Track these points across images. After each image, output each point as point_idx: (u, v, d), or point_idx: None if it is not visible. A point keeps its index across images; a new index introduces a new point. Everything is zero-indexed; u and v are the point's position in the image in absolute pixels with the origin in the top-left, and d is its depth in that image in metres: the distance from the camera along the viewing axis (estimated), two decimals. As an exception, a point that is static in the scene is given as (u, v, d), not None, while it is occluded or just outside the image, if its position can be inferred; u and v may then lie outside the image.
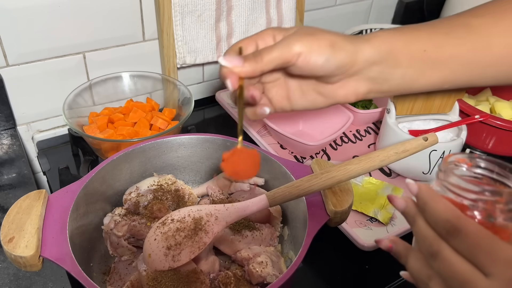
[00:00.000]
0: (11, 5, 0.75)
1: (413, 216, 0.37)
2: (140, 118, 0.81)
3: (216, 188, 0.66)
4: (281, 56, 0.48)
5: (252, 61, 0.47)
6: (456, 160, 0.39)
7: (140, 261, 0.53)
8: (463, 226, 0.32)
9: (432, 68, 0.53)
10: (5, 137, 0.84)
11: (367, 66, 0.51)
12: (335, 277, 0.64)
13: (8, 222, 0.49)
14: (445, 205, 0.34)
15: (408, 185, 0.38)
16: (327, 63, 0.48)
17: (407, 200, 0.39)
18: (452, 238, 0.33)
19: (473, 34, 0.52)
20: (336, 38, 0.49)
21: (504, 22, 0.52)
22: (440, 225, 0.34)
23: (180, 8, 0.86)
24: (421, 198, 0.36)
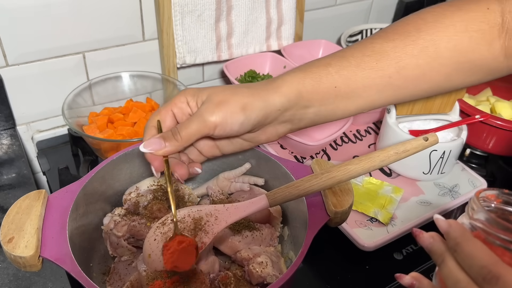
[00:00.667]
0: (11, 5, 0.75)
1: (442, 255, 0.36)
2: (140, 118, 0.81)
3: (216, 188, 0.66)
4: (198, 131, 0.50)
5: (172, 140, 0.50)
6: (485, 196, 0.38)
7: (140, 261, 0.53)
8: (502, 275, 0.31)
9: (345, 101, 0.54)
10: (4, 137, 0.84)
11: (280, 114, 0.53)
12: (335, 277, 0.64)
13: (8, 222, 0.49)
14: (481, 248, 0.33)
15: (437, 222, 0.36)
16: (242, 126, 0.51)
17: (434, 237, 0.37)
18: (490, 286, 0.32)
19: (383, 61, 0.53)
20: (247, 99, 0.51)
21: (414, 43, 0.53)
22: (475, 270, 0.33)
23: (180, 8, 0.86)
24: (453, 238, 0.34)
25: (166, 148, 0.50)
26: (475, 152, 0.87)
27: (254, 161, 0.65)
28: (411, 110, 0.78)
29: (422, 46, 0.53)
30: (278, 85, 0.52)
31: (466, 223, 0.37)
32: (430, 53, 0.53)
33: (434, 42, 0.53)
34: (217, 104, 0.50)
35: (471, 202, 0.37)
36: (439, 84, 0.56)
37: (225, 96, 0.51)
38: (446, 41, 0.53)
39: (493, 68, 0.56)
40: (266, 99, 0.51)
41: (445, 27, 0.53)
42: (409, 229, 0.68)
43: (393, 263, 0.66)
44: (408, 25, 0.55)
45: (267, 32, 1.00)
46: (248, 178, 0.65)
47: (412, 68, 0.54)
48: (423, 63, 0.53)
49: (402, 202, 0.74)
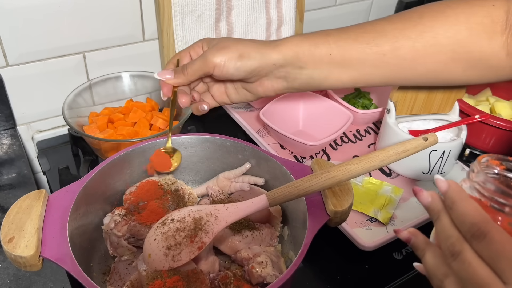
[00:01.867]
0: (11, 5, 0.75)
1: (438, 212, 0.37)
2: (140, 118, 0.81)
3: (216, 188, 0.66)
4: (200, 68, 0.59)
5: (180, 74, 0.60)
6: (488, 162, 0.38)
7: (140, 261, 0.53)
8: (490, 232, 0.32)
9: (339, 69, 0.59)
10: (5, 137, 0.84)
11: (275, 69, 0.59)
12: (335, 277, 0.64)
13: (8, 222, 0.49)
14: (474, 207, 0.34)
15: (437, 181, 0.37)
16: (237, 71, 0.58)
17: (433, 195, 0.38)
18: (477, 241, 0.33)
19: (380, 38, 0.57)
20: (246, 49, 0.58)
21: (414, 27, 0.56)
22: (466, 227, 0.34)
23: (180, 8, 0.86)
24: (450, 196, 0.36)
25: (174, 79, 0.61)
26: (474, 152, 0.87)
27: (254, 161, 0.65)
28: (411, 110, 0.78)
29: (420, 30, 0.56)
30: (278, 44, 0.59)
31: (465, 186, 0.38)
32: (427, 38, 0.56)
33: (433, 28, 0.56)
34: (219, 49, 0.58)
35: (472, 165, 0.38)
36: (436, 71, 0.58)
37: (228, 43, 0.59)
38: (445, 29, 0.55)
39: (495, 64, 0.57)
40: (263, 52, 0.58)
41: (446, 16, 0.56)
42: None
43: (393, 263, 0.66)
44: (414, 12, 0.58)
45: (267, 32, 1.00)
46: (248, 178, 0.65)
47: (407, 49, 0.57)
48: (419, 46, 0.56)
49: (402, 202, 0.74)
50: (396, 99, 0.76)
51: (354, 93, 0.96)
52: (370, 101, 0.95)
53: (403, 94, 0.75)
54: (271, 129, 0.81)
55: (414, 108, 0.78)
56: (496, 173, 0.38)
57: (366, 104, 0.94)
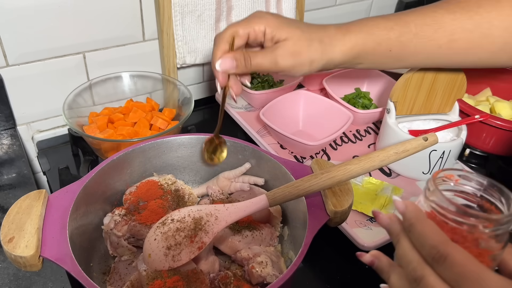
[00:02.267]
0: (11, 5, 0.75)
1: (397, 236, 0.37)
2: (140, 118, 0.81)
3: (216, 188, 0.66)
4: (268, 67, 0.58)
5: (243, 65, 0.57)
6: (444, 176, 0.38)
7: (140, 261, 0.53)
8: (450, 254, 0.32)
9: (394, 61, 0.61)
10: (5, 137, 0.84)
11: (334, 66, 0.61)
12: (335, 277, 0.64)
13: (8, 222, 0.49)
14: (432, 229, 0.34)
15: (395, 203, 0.37)
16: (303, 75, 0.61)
17: (391, 218, 0.38)
18: (438, 265, 0.32)
19: (439, 32, 0.58)
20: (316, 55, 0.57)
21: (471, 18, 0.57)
22: (426, 250, 0.33)
23: (180, 8, 0.86)
24: (408, 218, 0.35)
25: (235, 69, 0.57)
26: (474, 152, 0.87)
27: (254, 161, 0.65)
28: (411, 110, 0.78)
29: (478, 22, 0.57)
30: (345, 43, 0.58)
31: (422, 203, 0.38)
32: (483, 30, 0.57)
33: (490, 19, 0.57)
34: (291, 54, 0.57)
35: (428, 183, 0.37)
36: (485, 59, 0.60)
37: (301, 48, 0.57)
38: (500, 20, 0.56)
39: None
40: (330, 57, 0.58)
41: (502, 7, 0.57)
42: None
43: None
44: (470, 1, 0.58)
45: (267, 32, 1.00)
46: (248, 178, 0.65)
47: (463, 41, 0.58)
48: (474, 38, 0.58)
49: (402, 202, 0.74)
50: (396, 99, 0.76)
51: (354, 93, 0.96)
52: (370, 101, 0.95)
53: (403, 94, 0.75)
54: (271, 129, 0.81)
55: (414, 108, 0.78)
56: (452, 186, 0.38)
57: (366, 104, 0.94)
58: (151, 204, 0.60)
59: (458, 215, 0.34)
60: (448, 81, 0.75)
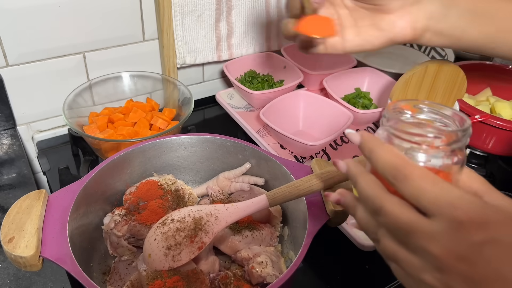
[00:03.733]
0: (11, 5, 0.75)
1: (355, 176, 0.37)
2: (140, 118, 0.81)
3: (216, 188, 0.66)
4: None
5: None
6: (400, 107, 0.38)
7: (140, 261, 0.53)
8: (409, 171, 0.33)
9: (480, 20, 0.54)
10: (5, 137, 0.84)
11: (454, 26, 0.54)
12: (335, 277, 0.64)
13: (8, 222, 0.49)
14: (391, 152, 0.34)
15: (349, 136, 0.38)
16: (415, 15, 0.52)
17: (348, 162, 0.39)
18: (399, 183, 0.33)
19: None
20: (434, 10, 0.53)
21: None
22: (386, 171, 0.34)
23: (180, 8, 0.86)
24: (366, 147, 0.36)
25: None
26: (474, 152, 0.87)
27: (254, 161, 0.65)
28: (411, 110, 0.78)
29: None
30: None
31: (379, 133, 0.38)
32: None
33: None
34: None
35: (384, 112, 0.38)
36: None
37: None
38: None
39: None
40: None
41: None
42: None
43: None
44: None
45: (267, 32, 1.00)
46: (248, 178, 0.65)
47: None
48: None
49: (402, 202, 0.74)
50: (396, 99, 0.76)
51: (354, 93, 0.96)
52: (370, 101, 0.95)
53: (403, 94, 0.75)
54: (271, 129, 0.81)
55: (414, 108, 0.78)
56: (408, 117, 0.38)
57: (366, 104, 0.94)
58: (151, 204, 0.60)
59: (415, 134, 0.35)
60: (448, 81, 0.75)
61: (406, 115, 0.38)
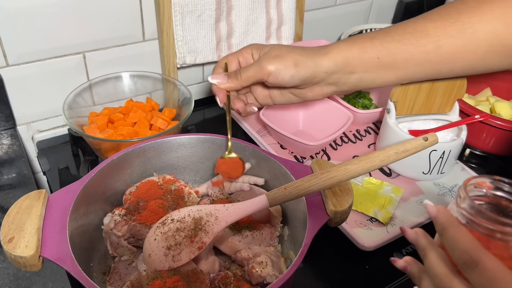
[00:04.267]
0: (11, 5, 0.75)
1: (424, 249, 0.37)
2: (140, 118, 0.81)
3: (216, 188, 0.66)
4: (255, 75, 0.61)
5: (234, 78, 0.62)
6: (476, 183, 0.38)
7: (140, 261, 0.53)
8: (481, 260, 0.32)
9: (386, 70, 0.62)
10: (5, 137, 0.84)
11: (327, 76, 0.62)
12: (335, 277, 0.64)
13: (8, 222, 0.49)
14: (464, 234, 0.34)
15: (426, 207, 0.38)
16: (292, 79, 0.61)
17: (417, 232, 0.39)
18: (469, 270, 0.33)
19: (423, 38, 0.59)
20: (300, 58, 0.60)
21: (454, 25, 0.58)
22: (457, 254, 0.34)
23: (180, 8, 0.86)
24: (440, 223, 0.36)
25: (228, 83, 0.63)
26: (474, 152, 0.87)
27: (254, 161, 0.65)
28: (411, 110, 0.78)
29: (460, 28, 0.58)
30: (328, 51, 0.61)
31: (455, 210, 0.38)
32: (467, 35, 0.58)
33: (473, 25, 0.58)
34: (274, 57, 0.61)
35: (459, 190, 0.38)
36: (474, 64, 0.61)
37: (282, 52, 0.61)
38: (483, 24, 0.57)
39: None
40: (316, 60, 0.60)
41: (483, 12, 0.57)
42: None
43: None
44: (450, 8, 0.60)
45: (267, 32, 1.00)
46: (248, 178, 0.65)
47: (449, 47, 0.59)
48: (460, 44, 0.59)
49: (402, 202, 0.74)
50: (396, 99, 0.76)
51: (354, 93, 0.96)
52: (370, 101, 0.95)
53: (403, 94, 0.75)
54: (271, 129, 0.81)
55: (414, 108, 0.78)
56: (485, 192, 0.38)
57: (366, 104, 0.94)
58: (151, 204, 0.60)
59: (489, 223, 0.35)
60: (448, 81, 0.75)
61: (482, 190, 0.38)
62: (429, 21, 0.60)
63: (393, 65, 0.61)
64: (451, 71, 0.62)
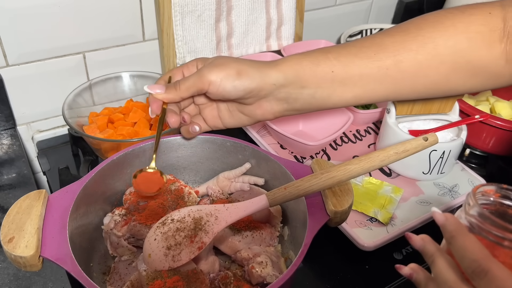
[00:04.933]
0: (11, 5, 0.75)
1: (432, 256, 0.37)
2: (140, 118, 0.81)
3: (216, 188, 0.66)
4: (194, 84, 0.55)
5: (172, 89, 0.56)
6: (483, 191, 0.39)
7: (140, 261, 0.53)
8: (491, 269, 0.32)
9: (342, 87, 0.57)
10: (5, 137, 0.84)
11: (275, 89, 0.56)
12: (335, 277, 0.64)
13: (8, 222, 0.49)
14: (473, 242, 0.34)
15: (434, 215, 0.38)
16: (234, 89, 0.55)
17: (424, 239, 0.38)
18: (478, 279, 0.33)
19: (381, 52, 0.55)
20: (243, 67, 0.55)
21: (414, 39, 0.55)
22: (466, 263, 0.34)
23: (180, 8, 0.86)
24: (449, 231, 0.36)
25: (165, 94, 0.56)
26: (474, 152, 0.87)
27: (254, 161, 0.65)
28: (411, 110, 0.78)
29: (421, 42, 0.55)
30: (277, 64, 0.56)
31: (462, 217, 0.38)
32: (429, 50, 0.55)
33: (434, 40, 0.54)
34: (216, 65, 0.55)
35: (467, 197, 0.38)
36: (439, 82, 0.57)
37: (226, 61, 0.56)
38: (445, 39, 0.54)
39: (495, 72, 0.56)
40: (263, 71, 0.55)
41: (445, 27, 0.55)
42: (409, 229, 0.68)
43: (393, 263, 0.66)
44: (410, 24, 0.57)
45: (267, 32, 1.00)
46: (248, 178, 0.65)
47: (410, 62, 0.55)
48: (421, 59, 0.55)
49: (402, 202, 0.74)
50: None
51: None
52: (370, 101, 0.95)
53: (403, 94, 0.75)
54: (271, 129, 0.81)
55: (414, 108, 0.78)
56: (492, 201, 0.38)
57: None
58: (151, 204, 0.60)
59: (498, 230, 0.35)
60: (448, 81, 0.75)
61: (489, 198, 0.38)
62: (387, 36, 0.56)
63: (349, 81, 0.56)
64: (413, 90, 0.58)
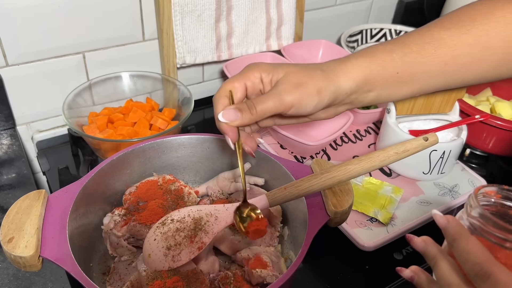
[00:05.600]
0: (11, 5, 0.75)
1: (434, 258, 0.37)
2: (140, 118, 0.81)
3: (216, 188, 0.66)
4: (274, 108, 0.51)
5: (248, 113, 0.51)
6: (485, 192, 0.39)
7: (140, 261, 0.53)
8: (493, 272, 0.32)
9: (403, 86, 0.57)
10: (4, 137, 0.84)
11: (346, 97, 0.55)
12: (335, 277, 0.64)
13: (8, 222, 0.49)
14: (476, 245, 0.34)
15: (435, 217, 0.38)
16: (315, 109, 0.53)
17: (426, 241, 0.38)
18: (480, 281, 0.33)
19: (441, 48, 0.56)
20: (322, 83, 0.52)
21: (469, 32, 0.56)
22: (469, 266, 0.34)
23: (180, 8, 0.86)
24: (451, 234, 0.36)
25: (240, 120, 0.51)
26: (475, 152, 0.87)
27: (254, 161, 0.65)
28: (411, 110, 0.78)
29: (476, 35, 0.56)
30: (347, 69, 0.54)
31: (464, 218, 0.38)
32: (482, 43, 0.56)
33: (487, 32, 0.56)
34: (295, 85, 0.51)
35: (469, 199, 0.38)
36: (488, 72, 0.59)
37: (302, 78, 0.52)
38: (497, 31, 0.55)
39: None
40: (336, 82, 0.53)
41: (496, 18, 0.56)
42: (409, 229, 0.68)
43: (393, 263, 0.66)
44: (463, 15, 0.57)
45: (267, 32, 1.00)
46: (248, 178, 0.65)
47: (465, 56, 0.56)
48: (475, 52, 0.56)
49: (402, 202, 0.74)
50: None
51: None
52: (370, 101, 0.95)
53: (403, 94, 0.75)
54: (271, 129, 0.81)
55: (414, 108, 0.78)
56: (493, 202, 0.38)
57: (366, 104, 0.94)
58: (151, 204, 0.60)
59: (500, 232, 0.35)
60: (448, 81, 0.75)
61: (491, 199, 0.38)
62: (443, 30, 0.57)
63: (411, 79, 0.57)
64: (463, 81, 0.59)
